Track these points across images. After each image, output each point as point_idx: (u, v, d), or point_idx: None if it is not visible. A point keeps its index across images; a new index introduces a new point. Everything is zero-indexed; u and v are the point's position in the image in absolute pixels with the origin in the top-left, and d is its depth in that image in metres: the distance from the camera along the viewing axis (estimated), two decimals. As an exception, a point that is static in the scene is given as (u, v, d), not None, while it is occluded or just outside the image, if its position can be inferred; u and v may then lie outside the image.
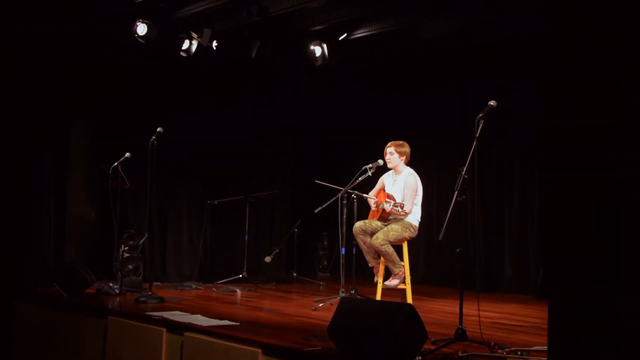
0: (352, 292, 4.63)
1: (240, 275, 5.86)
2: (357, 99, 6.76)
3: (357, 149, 6.56)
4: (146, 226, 5.03)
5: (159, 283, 5.63)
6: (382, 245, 4.41)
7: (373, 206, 4.79)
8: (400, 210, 4.33)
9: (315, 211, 4.53)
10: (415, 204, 4.64)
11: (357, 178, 4.52)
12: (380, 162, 4.71)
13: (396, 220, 4.63)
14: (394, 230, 4.50)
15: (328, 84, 6.64)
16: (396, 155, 4.74)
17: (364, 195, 4.72)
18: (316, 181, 4.83)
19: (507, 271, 5.71)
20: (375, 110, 6.76)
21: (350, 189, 4.54)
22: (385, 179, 4.91)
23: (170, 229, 6.03)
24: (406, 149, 4.77)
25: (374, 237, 4.49)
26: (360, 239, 4.61)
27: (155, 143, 4.50)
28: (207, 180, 6.15)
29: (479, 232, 5.81)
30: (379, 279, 4.54)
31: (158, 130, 4.55)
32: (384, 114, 6.64)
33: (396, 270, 4.49)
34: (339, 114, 6.91)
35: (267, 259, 5.87)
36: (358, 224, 4.62)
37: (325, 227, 6.96)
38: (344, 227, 4.51)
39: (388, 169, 4.87)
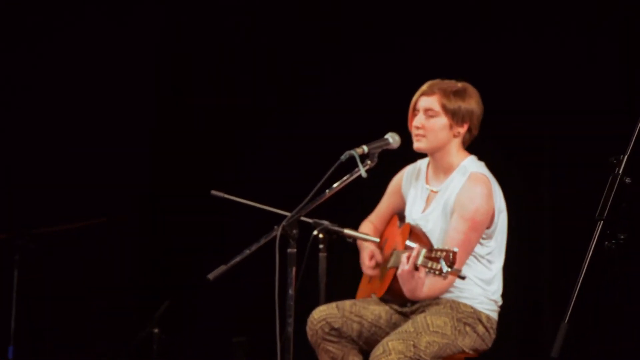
0: None
1: None
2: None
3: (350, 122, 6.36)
4: None
5: None
6: (399, 375, 4.24)
7: (367, 268, 4.66)
8: (447, 271, 4.04)
9: (210, 277, 4.39)
10: (487, 259, 4.49)
11: (319, 193, 4.39)
12: (392, 140, 4.46)
13: (438, 302, 4.41)
14: (432, 332, 4.34)
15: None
16: (443, 119, 4.49)
17: (347, 231, 4.59)
18: (213, 192, 4.88)
19: None
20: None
21: (308, 216, 4.46)
22: (406, 186, 4.74)
23: None
24: (472, 104, 4.52)
25: (377, 350, 4.31)
26: (329, 355, 4.54)
27: None
28: None
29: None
30: None
31: None
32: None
33: None
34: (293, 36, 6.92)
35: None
36: (322, 312, 4.54)
37: (240, 321, 6.78)
38: (292, 320, 4.30)
39: (415, 157, 4.71)
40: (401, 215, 4.66)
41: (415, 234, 4.40)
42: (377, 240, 4.57)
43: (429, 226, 4.44)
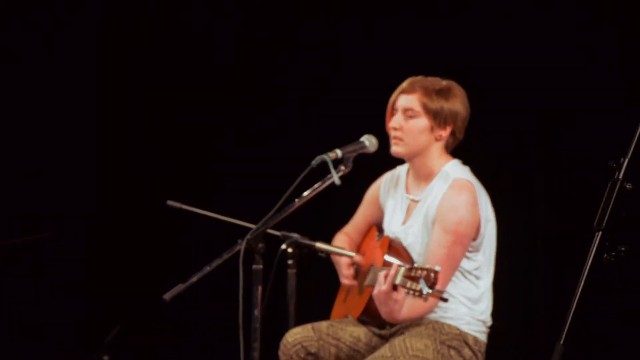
0: None
1: None
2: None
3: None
4: None
5: None
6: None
7: (345, 277, 4.66)
8: (427, 292, 4.01)
9: (166, 297, 4.42)
10: (474, 275, 4.49)
11: (288, 203, 4.40)
12: (369, 143, 4.45)
13: (419, 323, 4.42)
14: (412, 356, 4.37)
15: None
16: (423, 121, 4.46)
17: (319, 244, 4.57)
18: (169, 203, 4.90)
19: None
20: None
21: (275, 228, 4.46)
22: (384, 195, 4.72)
23: None
24: (456, 105, 4.49)
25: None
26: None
27: None
28: None
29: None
30: None
31: None
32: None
33: None
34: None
35: None
36: (297, 334, 4.53)
37: (200, 346, 6.78)
38: (257, 345, 4.34)
39: (393, 163, 4.65)
40: (380, 227, 4.63)
41: (395, 248, 4.37)
42: (354, 255, 4.54)
43: (409, 239, 4.40)
